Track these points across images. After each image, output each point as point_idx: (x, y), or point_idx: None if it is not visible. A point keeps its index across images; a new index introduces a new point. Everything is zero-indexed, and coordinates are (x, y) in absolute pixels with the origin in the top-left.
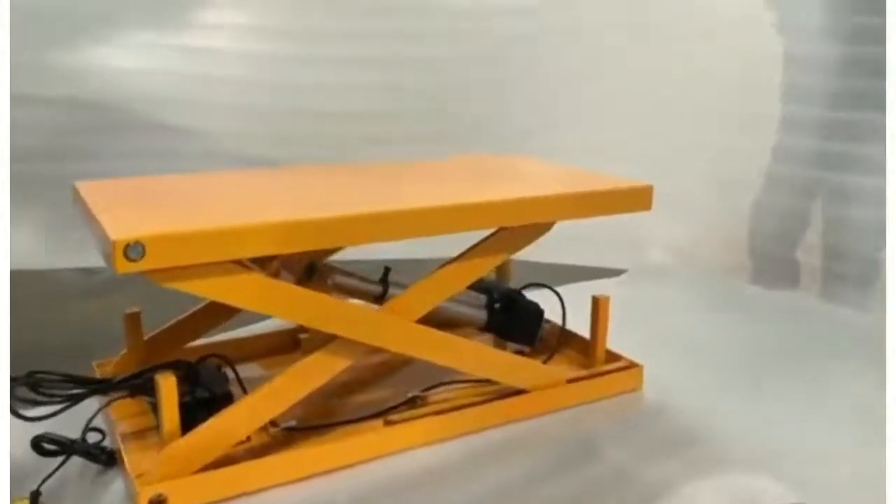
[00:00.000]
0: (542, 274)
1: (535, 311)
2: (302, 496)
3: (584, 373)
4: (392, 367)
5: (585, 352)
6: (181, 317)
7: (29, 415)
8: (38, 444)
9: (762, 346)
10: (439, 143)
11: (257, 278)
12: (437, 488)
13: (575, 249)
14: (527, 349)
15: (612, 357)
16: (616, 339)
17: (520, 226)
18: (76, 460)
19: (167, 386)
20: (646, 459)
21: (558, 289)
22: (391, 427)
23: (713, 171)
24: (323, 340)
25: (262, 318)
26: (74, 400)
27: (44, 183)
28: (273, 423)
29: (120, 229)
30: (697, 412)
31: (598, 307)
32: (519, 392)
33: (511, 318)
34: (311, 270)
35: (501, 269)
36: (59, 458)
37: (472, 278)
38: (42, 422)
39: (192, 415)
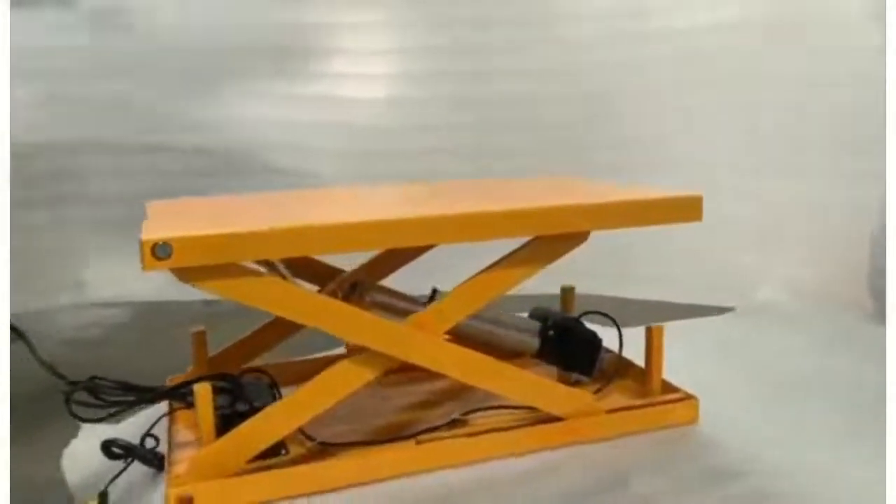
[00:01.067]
0: (645, 311)
1: (592, 340)
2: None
3: (624, 403)
4: (453, 392)
5: (643, 382)
6: (243, 336)
7: (84, 416)
8: (107, 448)
9: (862, 388)
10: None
11: (275, 281)
12: None
13: (682, 287)
14: (585, 379)
15: (669, 389)
16: (704, 375)
17: (553, 235)
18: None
19: (203, 394)
20: (677, 492)
21: (659, 324)
22: (421, 446)
23: (830, 200)
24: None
25: (325, 346)
26: (126, 405)
27: None
28: (310, 437)
29: (152, 232)
30: (751, 450)
31: (651, 337)
32: (557, 419)
33: (565, 347)
34: (353, 288)
35: (565, 299)
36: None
37: (502, 290)
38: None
39: (231, 425)
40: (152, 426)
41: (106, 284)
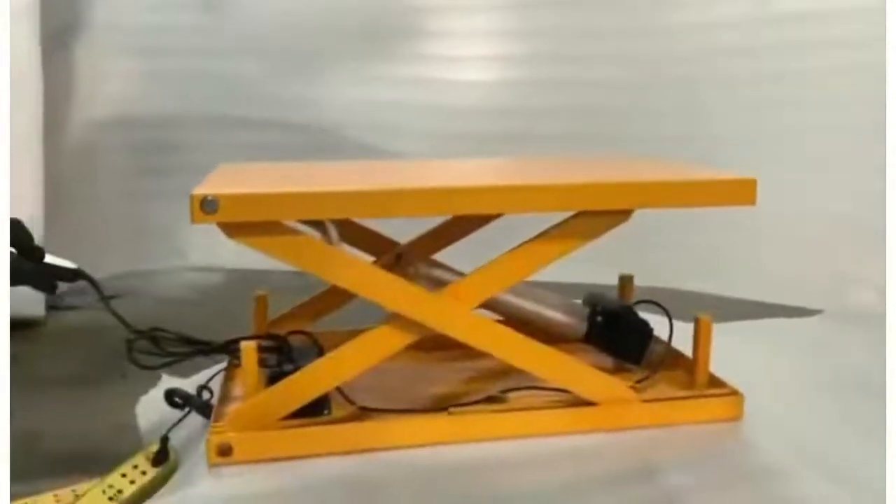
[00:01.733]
0: (729, 307)
1: (642, 329)
2: (359, 467)
3: (662, 394)
4: (498, 372)
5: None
6: (303, 300)
7: (145, 363)
8: (169, 397)
9: None
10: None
11: (311, 241)
12: (467, 480)
13: (773, 286)
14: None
15: (716, 383)
16: (768, 375)
17: (595, 211)
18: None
19: (248, 351)
20: (702, 489)
21: (742, 323)
22: (453, 418)
23: None
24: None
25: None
26: (182, 356)
27: None
28: (351, 401)
29: (204, 188)
30: (790, 454)
31: (699, 329)
32: (591, 404)
33: (614, 333)
34: (398, 258)
35: (623, 287)
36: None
37: (540, 264)
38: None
39: (276, 383)
40: (209, 380)
41: (204, 252)
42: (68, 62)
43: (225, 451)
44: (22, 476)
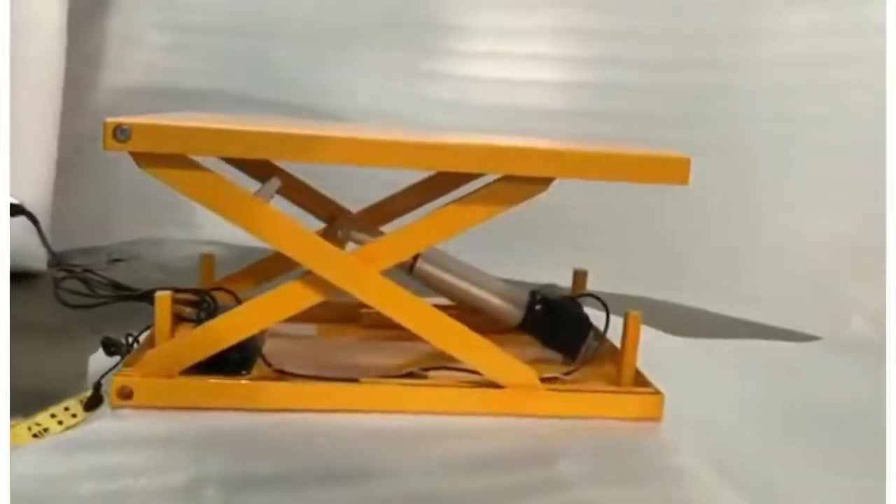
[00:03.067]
0: (726, 326)
1: (580, 322)
2: (251, 424)
3: (570, 386)
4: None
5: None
6: (249, 263)
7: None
8: (105, 346)
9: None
10: None
11: (219, 179)
12: (350, 447)
13: (772, 309)
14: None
15: (641, 382)
16: (727, 393)
17: (515, 177)
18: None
19: (161, 300)
20: (598, 480)
21: (736, 342)
22: (362, 387)
23: None
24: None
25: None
26: (110, 300)
27: None
28: (269, 364)
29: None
30: (712, 460)
31: (627, 324)
32: (498, 387)
33: (549, 323)
34: (331, 220)
35: (576, 281)
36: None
37: (453, 231)
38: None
39: None
40: (143, 331)
41: (218, 228)
42: (101, 28)
43: (125, 394)
44: None
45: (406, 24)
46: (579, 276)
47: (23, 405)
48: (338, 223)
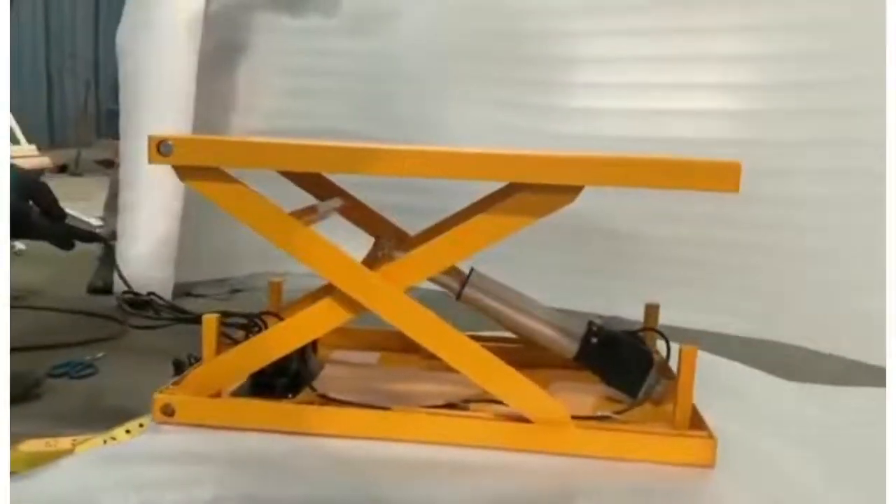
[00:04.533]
0: (847, 371)
1: (641, 358)
2: (286, 447)
3: (614, 421)
4: None
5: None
6: (313, 290)
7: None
8: (175, 365)
9: None
10: None
11: (251, 193)
12: (376, 477)
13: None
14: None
15: (698, 424)
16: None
17: (537, 186)
18: None
19: (209, 322)
20: None
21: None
22: (394, 416)
23: None
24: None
25: None
26: (170, 322)
27: None
28: (313, 388)
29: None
30: None
31: (682, 360)
32: (527, 421)
33: (607, 358)
34: (377, 240)
35: (647, 315)
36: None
37: (478, 246)
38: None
39: None
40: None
41: None
42: (231, 75)
43: (168, 412)
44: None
45: (519, 58)
46: (651, 310)
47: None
48: (380, 242)
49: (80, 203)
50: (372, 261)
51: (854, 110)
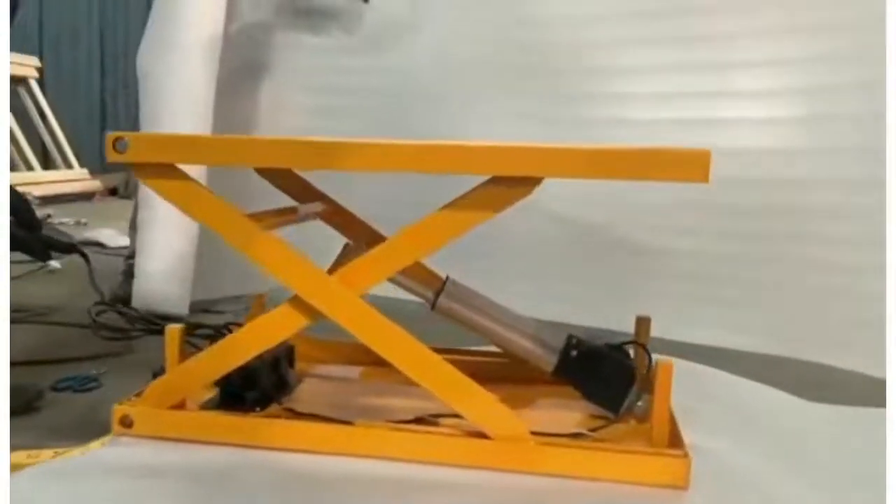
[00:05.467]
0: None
1: (623, 373)
2: (240, 460)
3: (565, 442)
4: None
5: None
6: None
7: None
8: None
9: None
10: None
11: (206, 193)
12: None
13: None
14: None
15: (676, 443)
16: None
17: (502, 178)
18: None
19: (171, 333)
20: None
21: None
22: (356, 430)
23: None
24: None
25: None
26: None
27: None
28: (279, 402)
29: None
30: None
31: (657, 375)
32: (486, 437)
33: (587, 372)
34: (345, 246)
35: (639, 329)
36: None
37: (435, 244)
38: None
39: None
40: None
41: None
42: (252, 95)
43: (127, 423)
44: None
45: (540, 70)
46: (642, 323)
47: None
48: (350, 246)
49: (121, 223)
50: (337, 266)
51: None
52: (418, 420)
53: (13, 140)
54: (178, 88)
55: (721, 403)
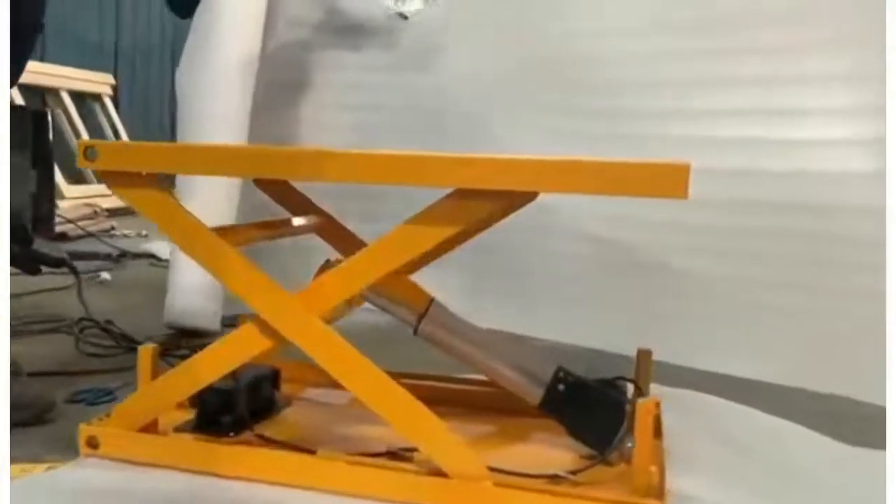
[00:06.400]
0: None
1: (613, 409)
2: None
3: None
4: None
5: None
6: None
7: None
8: None
9: None
10: None
11: (174, 204)
12: None
13: None
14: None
15: (656, 492)
16: None
17: (468, 191)
18: None
19: (144, 353)
20: None
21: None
22: (318, 462)
23: None
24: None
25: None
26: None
27: None
28: (252, 430)
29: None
30: None
31: (639, 419)
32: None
33: (574, 408)
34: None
35: (640, 362)
36: None
37: (399, 260)
38: None
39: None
40: None
41: None
42: (290, 112)
43: (93, 444)
44: None
45: (571, 84)
46: (643, 356)
47: None
48: (330, 263)
49: None
50: None
51: None
52: (389, 453)
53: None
54: (215, 105)
55: (735, 444)
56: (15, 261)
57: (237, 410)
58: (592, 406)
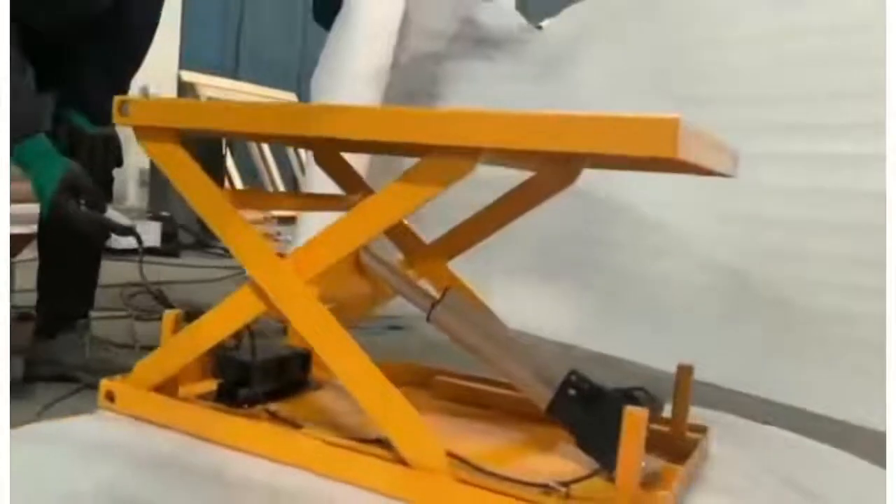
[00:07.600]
0: None
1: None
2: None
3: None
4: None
5: None
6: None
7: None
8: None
9: None
10: None
11: (192, 165)
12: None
13: None
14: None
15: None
16: None
17: (442, 149)
18: None
19: (168, 319)
20: None
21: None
22: (302, 441)
23: None
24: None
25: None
26: None
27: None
28: (263, 403)
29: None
30: None
31: (627, 428)
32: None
33: (584, 415)
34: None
35: (680, 378)
36: None
37: (379, 225)
38: None
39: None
40: None
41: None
42: None
43: (110, 398)
44: None
45: (699, 95)
46: (682, 372)
47: None
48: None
49: None
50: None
51: None
52: (378, 441)
53: (267, 168)
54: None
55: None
56: (84, 226)
57: (253, 385)
58: (604, 416)
